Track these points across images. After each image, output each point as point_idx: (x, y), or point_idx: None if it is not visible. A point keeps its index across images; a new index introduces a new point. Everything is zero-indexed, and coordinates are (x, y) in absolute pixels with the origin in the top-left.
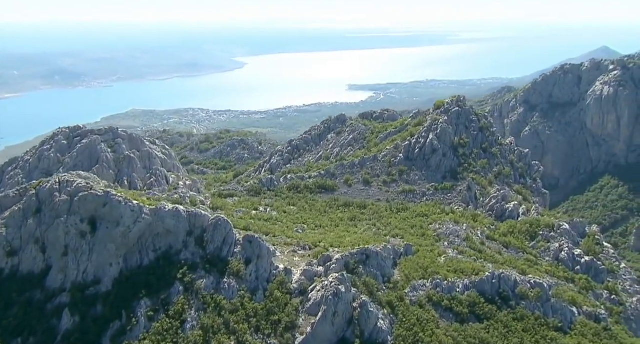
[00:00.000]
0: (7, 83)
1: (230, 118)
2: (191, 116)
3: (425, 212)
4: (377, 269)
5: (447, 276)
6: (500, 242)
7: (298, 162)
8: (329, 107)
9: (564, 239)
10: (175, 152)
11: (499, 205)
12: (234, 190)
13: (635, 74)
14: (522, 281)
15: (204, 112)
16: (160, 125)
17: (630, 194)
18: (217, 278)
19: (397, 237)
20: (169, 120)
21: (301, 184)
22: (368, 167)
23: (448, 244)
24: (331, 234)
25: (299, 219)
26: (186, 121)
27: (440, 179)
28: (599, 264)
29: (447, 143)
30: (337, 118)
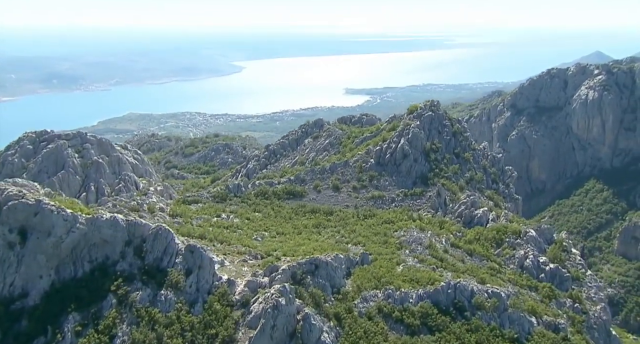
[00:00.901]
0: (4, 86)
1: (227, 122)
2: (188, 120)
3: (391, 219)
4: (326, 279)
5: (400, 286)
6: (464, 250)
7: (274, 167)
8: (325, 111)
9: (529, 247)
10: (160, 156)
11: (467, 211)
12: (199, 196)
13: (620, 79)
14: (480, 290)
15: (201, 116)
16: (157, 129)
17: (615, 198)
18: (155, 290)
19: (358, 245)
20: (166, 124)
21: (269, 190)
22: (339, 172)
23: (409, 252)
24: (290, 242)
25: (261, 227)
26: (183, 125)
27: (410, 184)
28: (563, 272)
29: (419, 148)
30: (315, 122)
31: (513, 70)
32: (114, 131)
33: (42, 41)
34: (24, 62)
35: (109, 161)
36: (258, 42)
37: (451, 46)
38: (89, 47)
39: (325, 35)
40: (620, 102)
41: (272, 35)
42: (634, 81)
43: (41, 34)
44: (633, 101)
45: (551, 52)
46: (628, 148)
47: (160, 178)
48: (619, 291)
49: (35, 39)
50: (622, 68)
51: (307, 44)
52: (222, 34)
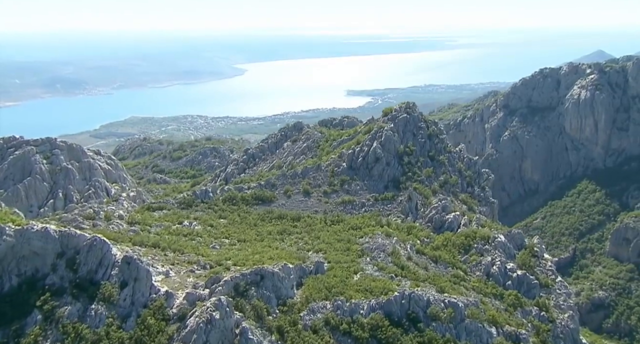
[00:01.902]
0: (8, 92)
1: (228, 124)
2: (189, 123)
3: (359, 225)
4: (271, 290)
5: (352, 297)
6: (429, 257)
7: (252, 171)
8: (326, 112)
9: (497, 253)
10: (148, 160)
11: (438, 216)
12: (164, 202)
13: (612, 78)
14: (436, 300)
15: (202, 119)
16: (158, 132)
17: (607, 199)
18: (85, 304)
19: (319, 252)
20: (167, 127)
21: (238, 196)
22: (310, 177)
23: (370, 260)
24: (248, 250)
25: (222, 234)
26: (184, 128)
27: (382, 189)
28: (531, 279)
29: (392, 151)
30: (294, 125)
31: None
32: (115, 134)
33: (45, 46)
34: (28, 67)
35: (80, 167)
36: (260, 44)
37: (453, 47)
38: (91, 52)
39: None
40: (613, 101)
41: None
42: (627, 80)
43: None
44: (626, 100)
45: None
46: (621, 148)
47: (135, 183)
48: (610, 294)
49: (38, 44)
50: (615, 67)
51: (308, 46)
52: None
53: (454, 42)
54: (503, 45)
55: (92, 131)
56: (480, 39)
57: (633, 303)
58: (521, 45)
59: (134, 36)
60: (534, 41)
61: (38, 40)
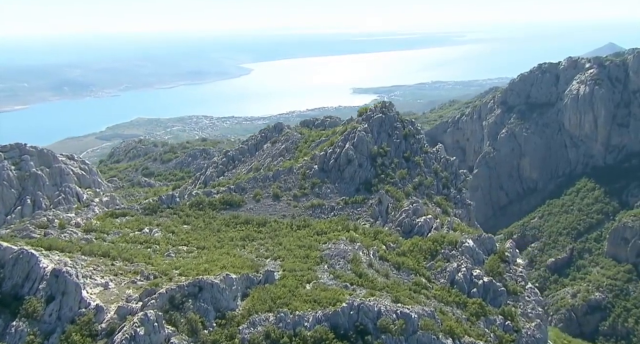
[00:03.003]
0: (17, 95)
1: (233, 124)
2: (194, 123)
3: (324, 230)
4: (210, 303)
5: (297, 308)
6: (392, 263)
7: (231, 174)
8: (332, 111)
9: (464, 258)
10: (139, 163)
11: (408, 220)
12: (129, 208)
13: (612, 72)
14: (388, 311)
15: (208, 119)
16: (164, 133)
17: (606, 197)
18: (7, 321)
19: (278, 259)
20: (173, 128)
21: (205, 201)
22: (281, 180)
23: (328, 267)
24: (203, 258)
25: (182, 241)
26: (189, 128)
27: (353, 192)
28: (498, 286)
29: (365, 153)
30: (275, 126)
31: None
32: (121, 136)
33: (53, 50)
34: (36, 71)
35: (50, 173)
36: (266, 43)
37: (461, 42)
38: (99, 54)
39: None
40: (613, 96)
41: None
42: (627, 74)
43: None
44: (626, 95)
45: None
46: (621, 144)
47: (111, 188)
48: (607, 296)
49: (47, 47)
50: (615, 61)
51: (315, 45)
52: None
53: (462, 37)
54: (512, 40)
55: (98, 133)
56: (489, 34)
57: (630, 305)
58: (531, 40)
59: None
60: (544, 35)
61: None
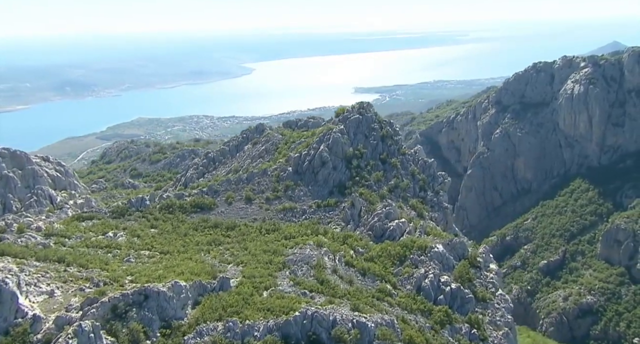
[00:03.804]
0: (19, 95)
1: (234, 124)
2: (195, 123)
3: (293, 234)
4: (155, 312)
5: (249, 317)
6: (357, 269)
7: (211, 175)
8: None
9: (432, 264)
10: (127, 164)
11: (379, 224)
12: (97, 211)
13: (607, 71)
14: (344, 320)
15: (208, 119)
16: (164, 133)
17: (600, 198)
18: None
19: (240, 265)
20: (173, 128)
21: (176, 204)
22: (255, 182)
23: (289, 273)
24: (162, 263)
25: (146, 245)
26: (190, 128)
27: (326, 194)
28: (466, 293)
29: (340, 154)
30: (256, 128)
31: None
32: (121, 136)
33: (56, 50)
34: (39, 71)
35: (22, 175)
36: (267, 43)
37: (464, 41)
38: (101, 54)
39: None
40: (608, 96)
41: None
42: (622, 73)
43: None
44: (621, 94)
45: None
46: (616, 145)
47: (88, 190)
48: (598, 299)
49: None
50: (610, 60)
51: (317, 44)
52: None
53: (465, 36)
54: (516, 39)
55: (99, 133)
56: (492, 32)
57: (622, 308)
58: (534, 38)
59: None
60: (547, 34)
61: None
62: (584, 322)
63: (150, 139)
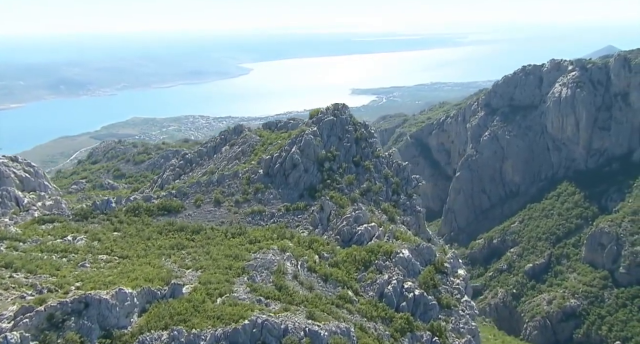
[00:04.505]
0: (12, 93)
1: (230, 124)
2: (191, 123)
3: (259, 238)
4: (95, 321)
5: (197, 325)
6: (320, 275)
7: (188, 177)
8: None
9: (396, 270)
10: (111, 165)
11: (348, 228)
12: (59, 214)
13: (594, 75)
14: (296, 328)
15: (204, 119)
16: (159, 133)
17: (586, 202)
18: None
19: (199, 270)
20: (169, 128)
21: (143, 206)
22: (225, 185)
23: (248, 279)
24: (118, 269)
25: (105, 249)
26: (185, 128)
27: (296, 198)
28: (429, 299)
29: (311, 157)
30: (234, 129)
31: None
32: (115, 135)
33: (51, 48)
34: (34, 69)
35: None
36: (266, 43)
37: (463, 44)
38: (98, 53)
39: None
40: (594, 99)
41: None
42: (609, 77)
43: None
44: (608, 98)
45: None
46: (603, 148)
47: (59, 191)
48: (582, 303)
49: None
50: (597, 64)
51: (316, 45)
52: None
53: (464, 38)
54: (514, 41)
55: (93, 132)
56: (490, 35)
57: (605, 312)
58: (532, 41)
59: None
60: (545, 37)
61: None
62: (567, 326)
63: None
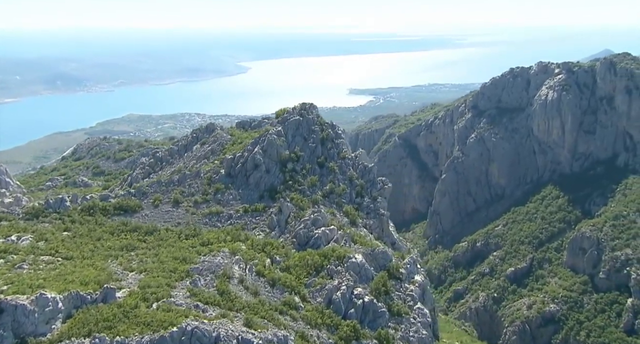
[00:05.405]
0: (8, 88)
1: (226, 123)
2: (187, 121)
3: (211, 240)
4: (9, 327)
5: (123, 332)
6: (267, 279)
7: (157, 175)
8: (326, 111)
9: (347, 275)
10: (91, 162)
11: (304, 231)
12: (9, 212)
13: (580, 78)
14: (228, 336)
15: (200, 117)
16: (154, 130)
17: (569, 206)
18: None
19: (143, 273)
20: (164, 125)
21: (98, 205)
22: (186, 185)
23: (190, 283)
24: (56, 271)
25: (50, 250)
26: (180, 126)
27: (256, 199)
28: (379, 306)
29: (274, 157)
30: (207, 127)
31: None
32: (111, 132)
33: (49, 43)
34: (30, 64)
35: None
36: (265, 42)
37: (462, 45)
38: (96, 49)
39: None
40: (580, 102)
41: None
42: (595, 81)
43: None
44: (593, 101)
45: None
46: (588, 152)
47: (23, 189)
48: (561, 308)
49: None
50: (584, 67)
51: (315, 44)
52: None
53: (463, 40)
54: (513, 44)
55: (88, 129)
56: (490, 37)
57: (583, 317)
58: (530, 44)
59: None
60: (544, 39)
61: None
62: (546, 331)
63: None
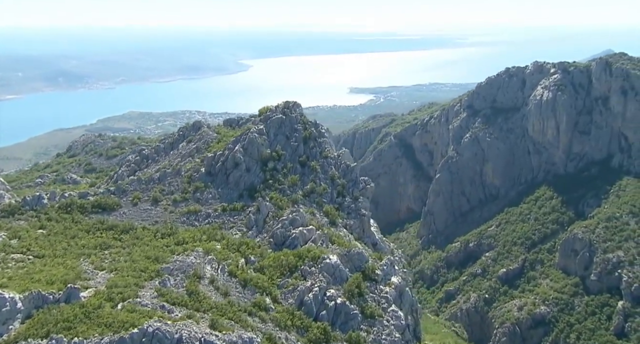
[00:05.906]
0: (9, 84)
1: None
2: (187, 118)
3: (187, 239)
4: None
5: (82, 333)
6: (239, 280)
7: (142, 173)
8: (326, 110)
9: (320, 276)
10: (83, 159)
11: (282, 231)
12: None
13: (575, 78)
14: (191, 338)
15: (200, 115)
16: (154, 127)
17: (563, 207)
18: None
19: (113, 272)
20: (164, 122)
21: (76, 203)
22: (166, 183)
23: (159, 283)
24: (24, 269)
25: (22, 248)
26: (181, 124)
27: (236, 198)
28: (351, 308)
29: (255, 156)
30: (193, 125)
31: None
32: (111, 129)
33: (51, 40)
34: (32, 61)
35: None
36: (266, 40)
37: (463, 45)
38: (97, 46)
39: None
40: (575, 103)
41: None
42: (590, 81)
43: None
44: (589, 102)
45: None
46: (582, 152)
47: (7, 186)
48: (552, 310)
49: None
50: (579, 67)
51: (316, 43)
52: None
53: (464, 40)
54: (514, 44)
55: (88, 126)
56: (491, 37)
57: (574, 319)
58: (531, 44)
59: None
60: (545, 39)
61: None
62: (536, 333)
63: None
